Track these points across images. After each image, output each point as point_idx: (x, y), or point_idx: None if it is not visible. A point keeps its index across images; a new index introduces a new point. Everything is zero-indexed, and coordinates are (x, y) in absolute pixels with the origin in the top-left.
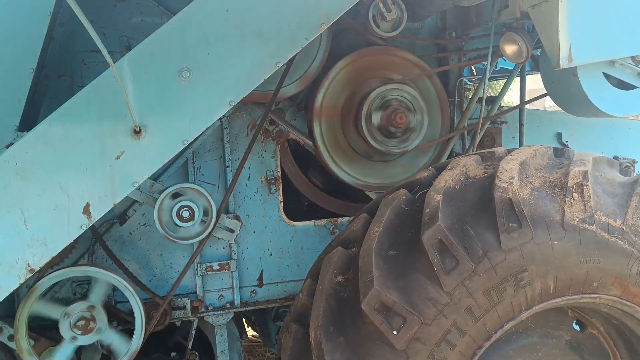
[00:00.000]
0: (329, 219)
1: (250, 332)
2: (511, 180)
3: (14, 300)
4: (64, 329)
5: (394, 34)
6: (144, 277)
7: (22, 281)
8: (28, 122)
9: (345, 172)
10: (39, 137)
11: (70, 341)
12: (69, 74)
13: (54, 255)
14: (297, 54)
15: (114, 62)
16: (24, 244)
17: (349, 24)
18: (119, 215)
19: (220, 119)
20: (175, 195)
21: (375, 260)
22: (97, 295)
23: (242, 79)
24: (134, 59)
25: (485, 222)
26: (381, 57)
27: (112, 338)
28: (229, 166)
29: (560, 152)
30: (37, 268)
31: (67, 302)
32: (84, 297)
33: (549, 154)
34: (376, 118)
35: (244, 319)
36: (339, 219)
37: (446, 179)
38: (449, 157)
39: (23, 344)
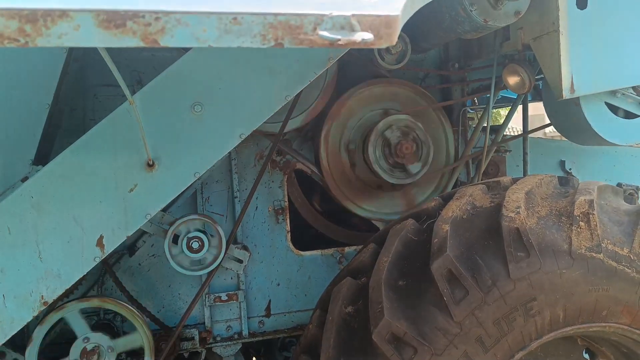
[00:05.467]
0: (335, 249)
1: None
2: (518, 210)
3: (24, 331)
4: (75, 350)
5: (398, 66)
6: (153, 307)
7: (35, 314)
8: (42, 155)
9: (352, 202)
10: (55, 171)
11: None
12: (82, 107)
13: (67, 287)
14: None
15: (124, 96)
16: (38, 277)
17: (355, 57)
18: (129, 247)
19: None
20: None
21: (385, 290)
22: (79, 328)
23: (252, 113)
24: (148, 94)
25: (493, 251)
26: (386, 89)
27: (125, 343)
28: (237, 197)
29: (565, 180)
30: (50, 301)
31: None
32: (104, 328)
33: (554, 183)
34: (382, 148)
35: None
36: (346, 248)
37: (453, 208)
38: (454, 186)
39: None
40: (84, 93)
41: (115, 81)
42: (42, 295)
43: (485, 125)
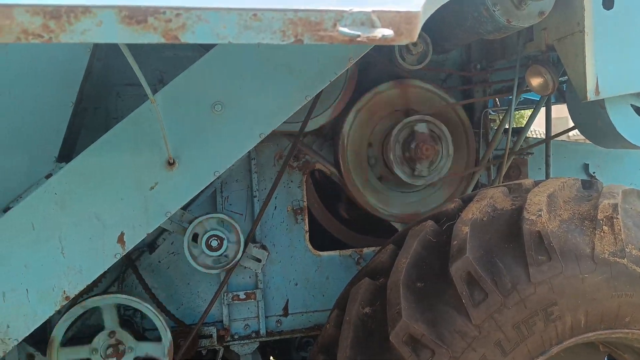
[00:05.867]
0: (354, 249)
1: None
2: (540, 213)
3: (46, 327)
4: None
5: (419, 66)
6: (172, 305)
7: (57, 308)
8: (66, 153)
9: (371, 202)
10: (77, 168)
11: None
12: (104, 106)
13: (89, 283)
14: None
15: (147, 95)
16: (60, 272)
17: (375, 57)
18: (149, 244)
19: None
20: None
21: (403, 291)
22: (110, 321)
23: (272, 112)
24: (169, 93)
25: (513, 254)
26: (406, 90)
27: (146, 348)
28: (256, 196)
29: (589, 184)
30: (72, 296)
31: (97, 330)
32: (125, 324)
33: (577, 186)
34: (402, 149)
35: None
36: (364, 249)
37: (473, 210)
38: (475, 188)
39: None
40: (107, 92)
41: (138, 80)
42: (64, 290)
43: (507, 127)
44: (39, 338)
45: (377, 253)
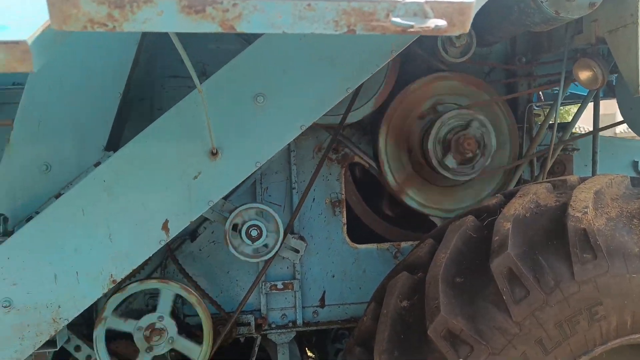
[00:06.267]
0: (391, 243)
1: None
2: (585, 210)
3: (91, 309)
4: (139, 341)
5: (462, 59)
6: (212, 292)
7: (104, 291)
8: (113, 143)
9: (410, 197)
10: (125, 157)
11: (146, 352)
12: (149, 97)
13: (135, 268)
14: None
15: (190, 87)
16: (108, 257)
17: (416, 50)
18: (191, 232)
19: None
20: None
21: (442, 286)
22: (164, 306)
23: (314, 104)
24: (213, 85)
25: (557, 251)
26: (448, 83)
27: (184, 345)
28: (295, 188)
29: (638, 181)
30: (118, 279)
31: (140, 313)
32: (154, 309)
33: (626, 184)
34: (443, 144)
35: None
36: (402, 244)
37: (516, 206)
38: (517, 184)
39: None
40: (151, 83)
41: (181, 72)
42: (112, 274)
43: (553, 122)
44: (86, 332)
45: (415, 247)
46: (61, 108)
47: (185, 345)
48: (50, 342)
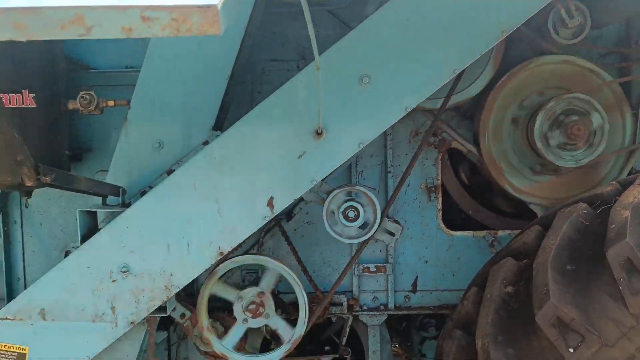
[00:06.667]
0: (488, 231)
1: None
2: None
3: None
4: (238, 311)
5: (574, 41)
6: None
7: (212, 262)
8: (218, 123)
9: (513, 184)
10: (234, 136)
11: (242, 323)
12: (250, 81)
13: (240, 242)
14: None
15: (289, 71)
16: (216, 230)
17: (524, 31)
18: (287, 213)
19: None
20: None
21: (552, 273)
22: (267, 283)
23: (420, 86)
24: (320, 66)
25: None
26: (557, 66)
27: (278, 324)
28: (390, 172)
29: None
30: (225, 252)
31: (237, 287)
32: (255, 283)
33: None
34: (551, 130)
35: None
36: (499, 232)
37: (635, 194)
38: (629, 173)
39: (204, 322)
40: (252, 67)
41: (280, 56)
42: (219, 247)
43: None
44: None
45: (520, 234)
46: (173, 90)
47: (279, 324)
48: (161, 308)
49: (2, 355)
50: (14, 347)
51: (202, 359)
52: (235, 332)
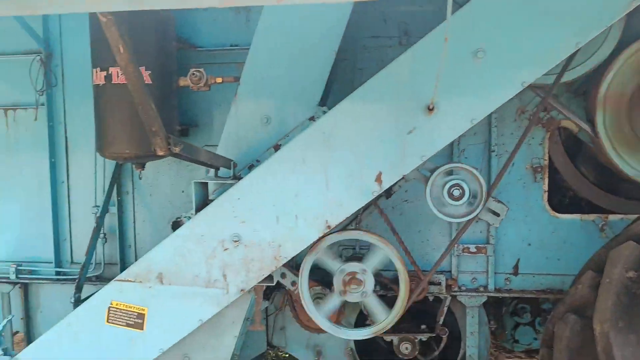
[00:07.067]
0: (598, 215)
1: None
2: None
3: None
4: (337, 283)
5: None
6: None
7: (320, 235)
8: (322, 99)
9: (630, 165)
10: (344, 111)
11: (339, 294)
12: (351, 57)
13: (347, 216)
14: None
15: (391, 47)
16: (325, 204)
17: None
18: (386, 190)
19: None
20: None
21: None
22: (372, 263)
23: (538, 60)
24: (432, 41)
25: None
26: None
27: (373, 302)
28: (494, 151)
29: None
30: (332, 225)
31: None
32: (358, 259)
33: None
34: None
35: None
36: (610, 216)
37: None
38: None
39: (305, 291)
40: (353, 44)
41: (382, 32)
42: (327, 220)
43: None
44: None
45: None
46: (282, 66)
47: (374, 303)
48: (269, 278)
49: (124, 314)
50: (134, 307)
51: (296, 329)
52: (331, 302)
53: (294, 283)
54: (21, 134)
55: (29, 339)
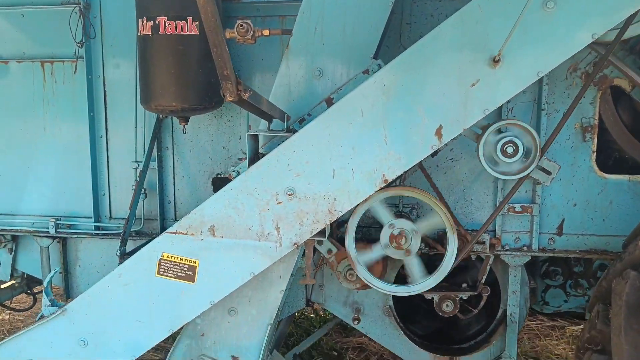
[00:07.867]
0: None
1: None
2: None
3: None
4: (384, 235)
5: None
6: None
7: (376, 189)
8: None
9: None
10: (405, 63)
11: (383, 247)
12: (400, 11)
13: (405, 170)
14: None
15: (441, 1)
16: (382, 157)
17: None
18: None
19: None
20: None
21: None
22: (424, 227)
23: (609, 12)
24: None
25: None
26: None
27: (415, 264)
28: (544, 109)
29: None
30: (390, 179)
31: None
32: (409, 219)
33: None
34: None
35: None
36: None
37: None
38: None
39: (350, 241)
40: None
41: None
42: (384, 174)
43: None
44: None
45: None
46: (336, 17)
47: (415, 264)
48: (321, 232)
49: (175, 266)
50: (185, 259)
51: (335, 286)
52: (374, 253)
53: (329, 251)
54: (59, 86)
55: (67, 292)
